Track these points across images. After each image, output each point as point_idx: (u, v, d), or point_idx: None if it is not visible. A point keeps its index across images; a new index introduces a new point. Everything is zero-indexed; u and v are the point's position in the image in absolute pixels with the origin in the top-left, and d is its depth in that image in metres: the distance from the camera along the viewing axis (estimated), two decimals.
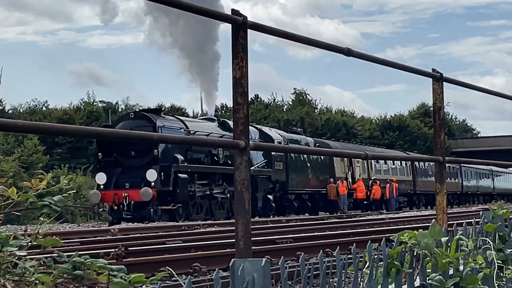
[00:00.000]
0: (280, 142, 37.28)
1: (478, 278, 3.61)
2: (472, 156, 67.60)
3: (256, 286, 2.35)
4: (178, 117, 35.67)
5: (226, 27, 40.81)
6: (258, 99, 78.89)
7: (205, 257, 12.36)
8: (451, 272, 3.56)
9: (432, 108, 5.74)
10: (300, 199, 41.10)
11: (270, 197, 37.58)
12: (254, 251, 3.51)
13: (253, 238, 3.59)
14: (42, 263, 2.97)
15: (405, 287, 3.31)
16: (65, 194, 3.22)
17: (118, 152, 31.36)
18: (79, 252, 3.09)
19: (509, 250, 4.32)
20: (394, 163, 50.79)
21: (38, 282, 2.87)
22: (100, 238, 18.74)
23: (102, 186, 31.06)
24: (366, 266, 3.04)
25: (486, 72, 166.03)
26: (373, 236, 15.13)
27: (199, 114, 53.72)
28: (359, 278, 2.91)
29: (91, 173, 46.52)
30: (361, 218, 32.12)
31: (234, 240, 3.34)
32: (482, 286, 3.62)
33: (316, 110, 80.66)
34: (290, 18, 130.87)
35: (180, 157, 31.46)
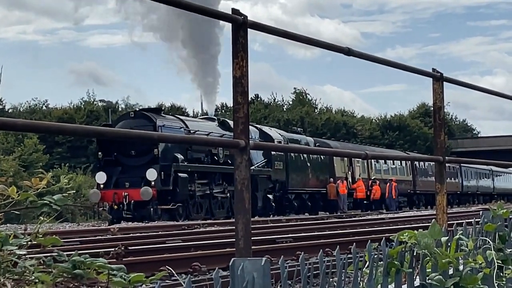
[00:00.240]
0: (280, 142, 37.28)
1: (478, 278, 3.61)
2: (472, 156, 67.59)
3: (256, 286, 2.35)
4: (178, 116, 35.67)
5: (227, 27, 40.76)
6: (258, 99, 78.87)
7: (205, 256, 12.36)
8: (451, 272, 3.56)
9: (432, 108, 5.74)
10: (300, 199, 41.09)
11: (270, 196, 37.57)
12: (254, 251, 3.50)
13: (253, 238, 3.59)
14: (42, 262, 2.97)
15: (405, 287, 3.31)
16: (65, 194, 3.22)
17: (118, 151, 31.36)
18: (79, 251, 3.09)
19: (509, 250, 4.32)
20: (394, 163, 50.76)
21: (38, 281, 2.87)
22: (100, 237, 18.73)
23: (102, 186, 31.07)
24: (366, 266, 3.04)
25: (486, 72, 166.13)
26: (373, 235, 15.11)
27: (199, 114, 53.71)
28: (359, 278, 2.91)
29: (91, 172, 46.52)
30: (361, 218, 32.12)
31: (234, 239, 3.34)
32: (482, 286, 3.62)
33: (316, 110, 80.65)
34: (290, 17, 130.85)
35: (180, 156, 31.46)
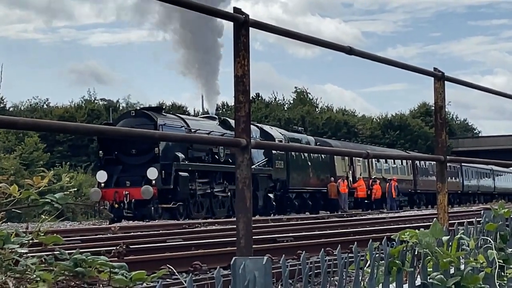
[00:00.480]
0: (281, 141, 37.28)
1: (479, 277, 3.61)
2: (473, 155, 67.63)
3: (257, 285, 2.35)
4: (179, 115, 35.67)
5: (228, 25, 40.76)
6: (259, 98, 78.85)
7: (206, 255, 12.36)
8: (452, 271, 3.55)
9: (433, 107, 5.73)
10: (300, 198, 41.07)
11: (271, 195, 37.56)
12: (255, 250, 3.51)
13: (254, 237, 3.59)
14: (43, 261, 2.98)
15: (406, 286, 3.31)
16: (66, 192, 3.22)
17: (119, 150, 31.35)
18: (80, 249, 3.09)
19: (510, 250, 4.32)
20: (395, 162, 50.74)
21: (39, 279, 2.87)
22: (101, 236, 18.74)
23: (103, 184, 31.07)
24: (367, 265, 3.04)
25: (487, 71, 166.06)
26: (374, 235, 15.12)
27: (200, 113, 53.75)
28: (360, 277, 2.91)
29: (92, 171, 46.49)
30: (362, 217, 32.11)
31: (235, 238, 3.33)
32: (483, 285, 3.62)
33: (317, 109, 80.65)
34: (291, 16, 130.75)
35: (181, 155, 31.46)
